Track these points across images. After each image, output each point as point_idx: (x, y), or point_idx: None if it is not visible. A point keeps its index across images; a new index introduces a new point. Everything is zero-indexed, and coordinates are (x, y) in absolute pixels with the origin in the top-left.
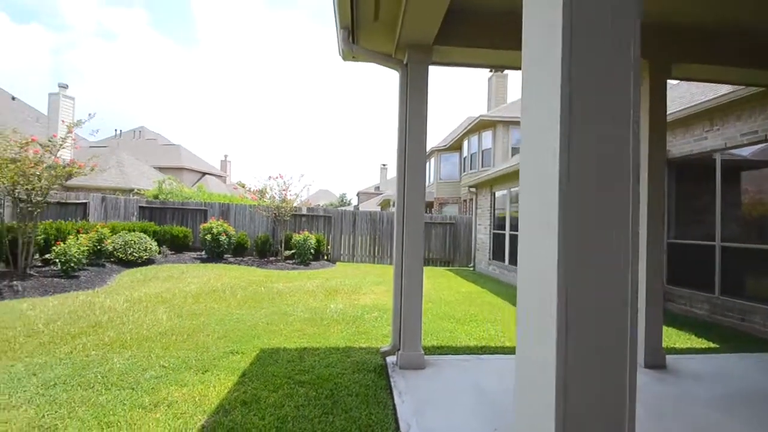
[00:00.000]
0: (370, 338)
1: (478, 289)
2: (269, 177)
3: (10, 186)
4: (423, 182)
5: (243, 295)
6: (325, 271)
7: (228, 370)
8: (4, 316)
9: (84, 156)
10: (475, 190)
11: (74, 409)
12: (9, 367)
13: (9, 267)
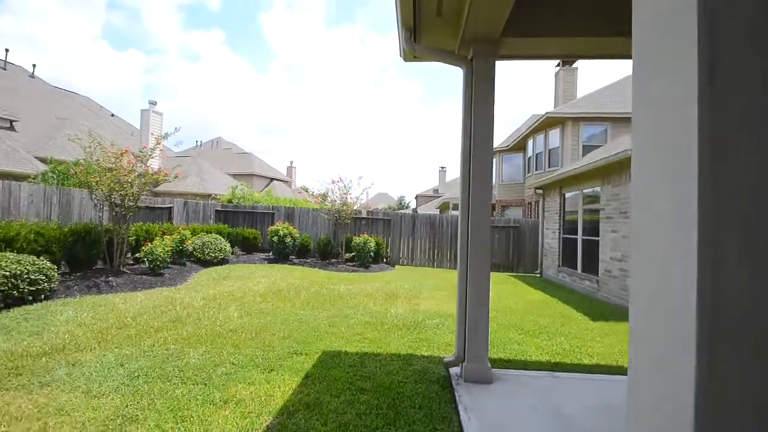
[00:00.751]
0: (432, 346)
1: (547, 298)
2: (331, 181)
3: (108, 192)
4: (489, 185)
5: (306, 296)
6: (384, 274)
7: (292, 371)
8: (100, 309)
9: (169, 165)
10: (541, 191)
11: (153, 401)
12: (101, 357)
13: (106, 264)
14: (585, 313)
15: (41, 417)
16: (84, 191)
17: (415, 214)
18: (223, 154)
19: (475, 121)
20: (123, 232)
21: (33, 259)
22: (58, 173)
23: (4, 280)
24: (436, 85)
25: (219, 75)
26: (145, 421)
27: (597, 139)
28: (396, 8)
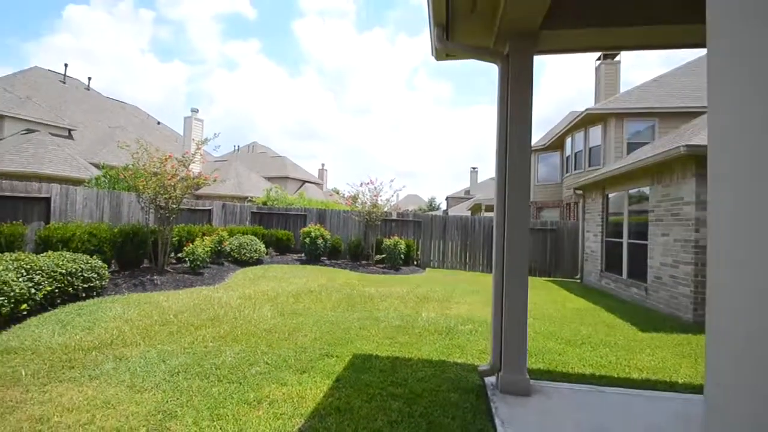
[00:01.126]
0: (466, 353)
1: (588, 305)
2: (361, 183)
3: (153, 195)
4: (526, 186)
5: (337, 298)
6: (414, 276)
7: (323, 373)
8: (146, 306)
9: (209, 169)
10: (581, 192)
11: (192, 398)
12: (146, 352)
13: (151, 263)
14: (632, 322)
15: (90, 409)
16: (132, 194)
17: (446, 216)
18: (259, 157)
19: (511, 119)
20: (167, 233)
21: (86, 258)
22: (110, 178)
23: (61, 277)
24: (467, 84)
25: (255, 81)
26: (184, 418)
27: (643, 136)
28: (428, 6)
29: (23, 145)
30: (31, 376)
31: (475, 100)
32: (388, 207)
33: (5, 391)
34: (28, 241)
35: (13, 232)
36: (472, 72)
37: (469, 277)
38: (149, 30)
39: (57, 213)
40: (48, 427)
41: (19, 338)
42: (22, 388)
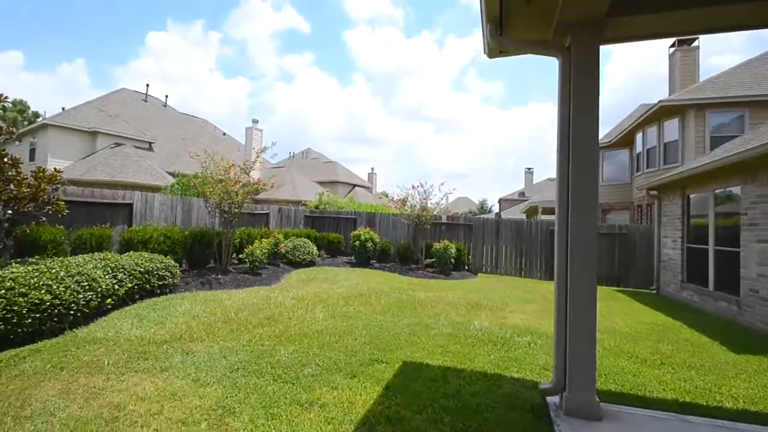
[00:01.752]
0: (524, 368)
1: (667, 320)
2: (411, 186)
3: (218, 200)
4: (594, 185)
5: (386, 302)
6: (466, 282)
7: (373, 379)
8: (210, 304)
9: (267, 175)
10: (656, 192)
11: (249, 395)
12: (209, 348)
13: (216, 263)
14: (722, 341)
15: (159, 400)
16: (200, 200)
17: (499, 219)
18: (312, 163)
19: (575, 115)
20: (230, 236)
21: (161, 258)
22: (182, 185)
23: (140, 275)
24: (518, 81)
25: (309, 91)
26: (241, 415)
27: (729, 128)
28: (480, 2)
29: (112, 157)
30: (112, 365)
31: (528, 97)
32: (438, 210)
33: (90, 378)
34: (114, 242)
35: (101, 235)
36: (524, 68)
37: (524, 284)
38: (216, 50)
39: (138, 217)
40: (123, 415)
41: (104, 329)
42: (104, 376)
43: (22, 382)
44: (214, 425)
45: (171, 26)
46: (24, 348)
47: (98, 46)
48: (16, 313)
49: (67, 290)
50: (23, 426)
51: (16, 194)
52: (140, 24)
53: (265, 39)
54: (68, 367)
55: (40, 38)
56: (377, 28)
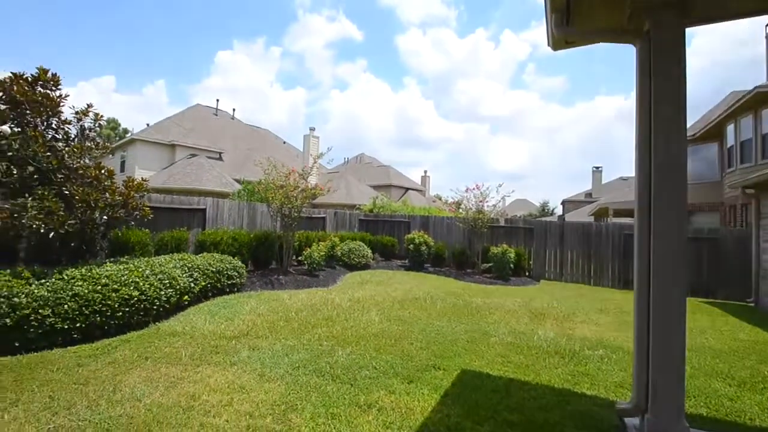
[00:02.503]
0: (597, 384)
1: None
2: (466, 189)
3: (279, 205)
4: (682, 183)
5: (442, 306)
6: (527, 288)
7: (431, 386)
8: (273, 303)
9: (323, 180)
10: (754, 191)
11: (309, 393)
12: (272, 345)
13: (278, 265)
14: None
15: (229, 392)
16: (263, 205)
17: (563, 222)
18: (365, 168)
19: (657, 106)
20: (290, 238)
21: (230, 259)
22: (247, 191)
23: (212, 274)
24: (584, 74)
25: (362, 98)
26: (303, 412)
27: None
28: None
29: (188, 167)
30: (188, 357)
31: (594, 90)
32: (495, 213)
33: (169, 368)
34: (190, 244)
35: (180, 237)
36: (589, 59)
37: (593, 292)
38: (277, 64)
39: (210, 221)
40: (198, 404)
41: (182, 324)
42: (182, 366)
43: (114, 369)
44: (278, 420)
45: (236, 45)
46: (116, 338)
47: (176, 68)
48: (109, 307)
49: (151, 287)
50: (115, 409)
51: (111, 201)
52: (211, 45)
53: (320, 49)
54: (152, 357)
55: (129, 64)
56: (429, 30)
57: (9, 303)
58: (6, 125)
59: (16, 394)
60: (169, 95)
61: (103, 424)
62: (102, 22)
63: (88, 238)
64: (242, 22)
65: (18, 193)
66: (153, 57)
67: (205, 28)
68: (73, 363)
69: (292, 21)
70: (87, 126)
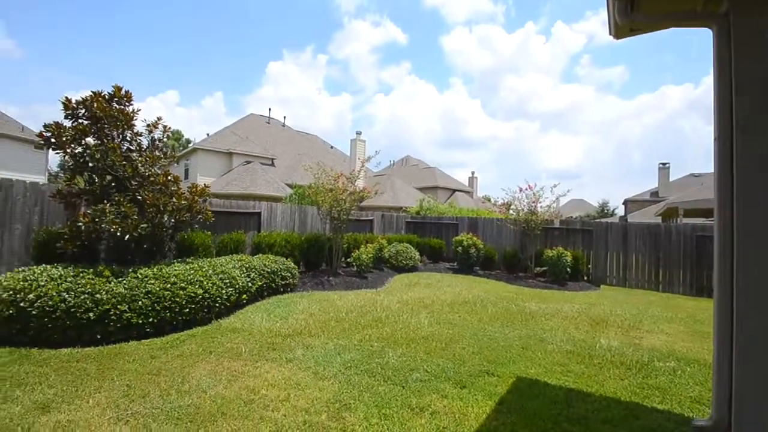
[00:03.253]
0: (669, 398)
1: None
2: (518, 189)
3: (329, 208)
4: None
5: (494, 311)
6: (585, 294)
7: (484, 392)
8: (324, 303)
9: (370, 183)
10: None
11: (362, 393)
12: (325, 344)
13: (327, 266)
14: None
15: (286, 388)
16: (313, 208)
17: (626, 224)
18: (411, 170)
19: (738, 94)
20: (339, 241)
21: (284, 260)
22: (298, 195)
23: (267, 275)
24: (646, 64)
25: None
26: (356, 411)
27: None
28: None
29: (243, 173)
30: (247, 353)
31: (659, 80)
32: (549, 214)
33: (231, 363)
34: (247, 246)
35: (238, 239)
36: (653, 47)
37: (662, 299)
38: (323, 71)
39: (264, 224)
40: (258, 398)
41: (241, 321)
42: (242, 361)
43: (182, 361)
44: (332, 417)
45: (286, 55)
46: (183, 333)
47: (231, 81)
48: (177, 304)
49: (213, 286)
50: (184, 399)
51: (177, 206)
52: (262, 57)
53: (365, 55)
54: (215, 352)
55: (191, 79)
56: (475, 27)
57: (92, 299)
58: (89, 138)
59: (99, 382)
60: (227, 106)
61: (174, 413)
62: (168, 48)
63: (158, 239)
64: (291, 33)
65: (99, 199)
66: (211, 72)
67: (257, 41)
68: (147, 355)
69: (338, 29)
70: (157, 137)
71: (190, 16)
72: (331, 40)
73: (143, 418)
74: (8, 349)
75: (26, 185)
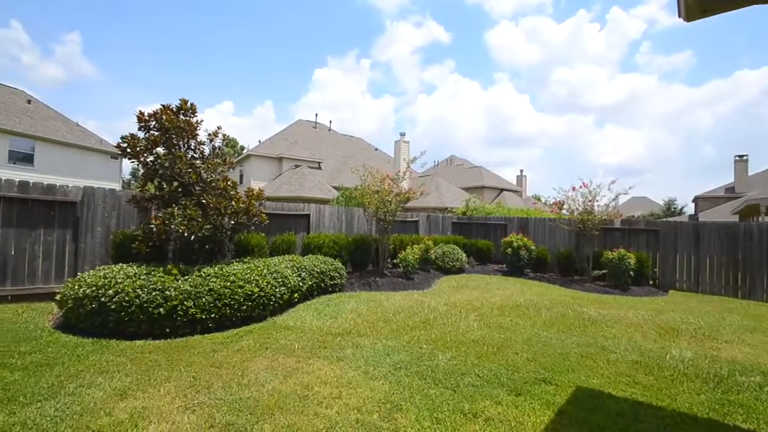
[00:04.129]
0: (755, 417)
1: None
2: (571, 188)
3: (375, 210)
4: None
5: (548, 316)
6: (652, 300)
7: (541, 401)
8: (371, 304)
9: (415, 184)
10: None
11: (413, 395)
12: (374, 344)
13: (373, 267)
14: None
15: (338, 386)
16: (359, 209)
17: (699, 223)
18: (456, 170)
19: None
20: (385, 242)
21: (332, 261)
22: (345, 197)
23: (317, 274)
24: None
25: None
26: (408, 413)
27: None
28: None
29: (292, 177)
30: (300, 350)
31: (732, 64)
32: (607, 213)
33: (285, 359)
34: (297, 247)
35: (289, 240)
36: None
37: (743, 306)
38: (367, 75)
39: (313, 226)
40: (311, 394)
41: (293, 319)
42: (296, 358)
43: (241, 356)
44: (384, 418)
45: (330, 62)
46: (240, 329)
47: (280, 89)
48: (236, 301)
49: (268, 285)
50: (244, 392)
51: (236, 209)
52: (308, 65)
53: (407, 56)
54: (271, 348)
55: (244, 89)
56: (521, 20)
57: (162, 295)
58: (159, 147)
59: (168, 372)
60: (276, 113)
61: (235, 405)
62: (222, 63)
63: (219, 240)
64: (335, 40)
65: (167, 203)
66: (262, 82)
67: (304, 49)
68: (210, 348)
69: (380, 32)
70: (217, 145)
71: (242, 33)
72: (373, 44)
73: (208, 408)
74: (91, 340)
75: (106, 192)
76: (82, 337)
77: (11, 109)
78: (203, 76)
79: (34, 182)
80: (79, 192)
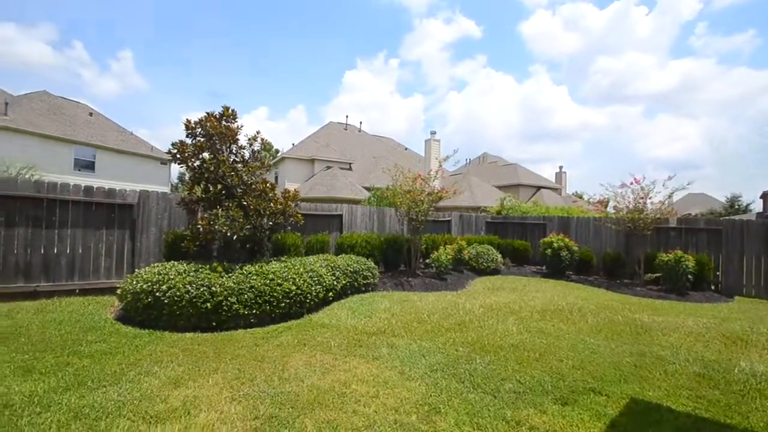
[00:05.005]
0: None
1: None
2: (620, 184)
3: (407, 209)
4: None
5: (594, 321)
6: (714, 306)
7: (591, 412)
8: (405, 304)
9: (447, 183)
10: None
11: (451, 398)
12: (409, 345)
13: (406, 267)
14: None
15: (375, 385)
16: (391, 209)
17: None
18: (489, 167)
19: None
20: (417, 242)
21: (365, 260)
22: (376, 197)
23: (350, 274)
24: None
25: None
26: (447, 417)
27: None
28: None
29: (324, 178)
30: (336, 347)
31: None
32: (661, 212)
33: (323, 356)
34: (330, 246)
35: (323, 240)
36: None
37: None
38: (395, 75)
39: (346, 226)
40: (349, 392)
41: (329, 317)
42: (332, 355)
43: (281, 351)
44: (423, 420)
45: (360, 64)
46: (279, 325)
47: (312, 93)
48: (275, 298)
49: (304, 283)
50: (284, 386)
51: (274, 209)
52: (339, 68)
53: (437, 53)
54: (308, 344)
55: (277, 94)
56: (559, 8)
57: (209, 291)
58: (205, 153)
59: (216, 363)
60: (308, 116)
61: (277, 398)
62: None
63: (258, 240)
64: (364, 42)
65: (212, 205)
66: (295, 87)
67: (333, 52)
68: (252, 343)
69: (409, 31)
70: (256, 149)
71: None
72: (401, 43)
73: (252, 399)
74: (147, 331)
75: (158, 195)
76: (139, 329)
77: (76, 122)
78: (239, 83)
79: (97, 187)
80: (135, 195)
